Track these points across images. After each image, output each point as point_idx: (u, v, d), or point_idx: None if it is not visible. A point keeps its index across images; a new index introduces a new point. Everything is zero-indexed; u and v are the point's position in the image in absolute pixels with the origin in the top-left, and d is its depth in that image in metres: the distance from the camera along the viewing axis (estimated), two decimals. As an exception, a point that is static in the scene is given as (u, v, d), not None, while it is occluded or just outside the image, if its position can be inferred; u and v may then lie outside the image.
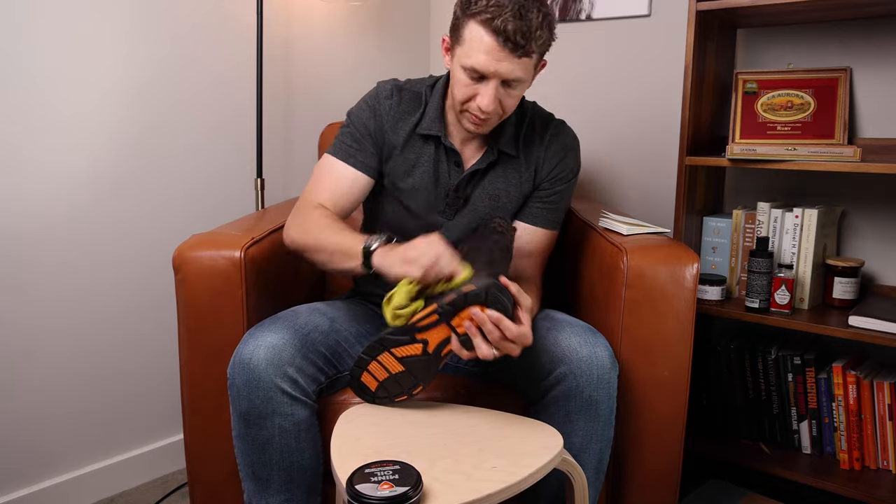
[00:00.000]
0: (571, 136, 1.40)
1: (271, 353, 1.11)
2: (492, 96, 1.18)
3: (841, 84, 1.61)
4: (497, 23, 1.13)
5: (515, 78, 1.18)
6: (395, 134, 1.33)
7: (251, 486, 1.16)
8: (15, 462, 1.60)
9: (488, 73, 1.17)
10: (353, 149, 1.33)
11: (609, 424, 1.17)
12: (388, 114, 1.33)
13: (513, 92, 1.21)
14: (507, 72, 1.17)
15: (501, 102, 1.21)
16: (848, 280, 1.59)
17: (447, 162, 1.34)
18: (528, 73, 1.20)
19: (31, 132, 1.56)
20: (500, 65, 1.16)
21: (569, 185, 1.39)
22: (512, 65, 1.16)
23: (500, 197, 1.35)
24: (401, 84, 1.36)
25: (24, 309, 1.58)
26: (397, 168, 1.34)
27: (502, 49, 1.15)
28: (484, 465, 0.96)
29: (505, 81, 1.19)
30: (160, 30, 1.75)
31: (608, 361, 1.15)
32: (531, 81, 1.25)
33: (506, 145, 1.33)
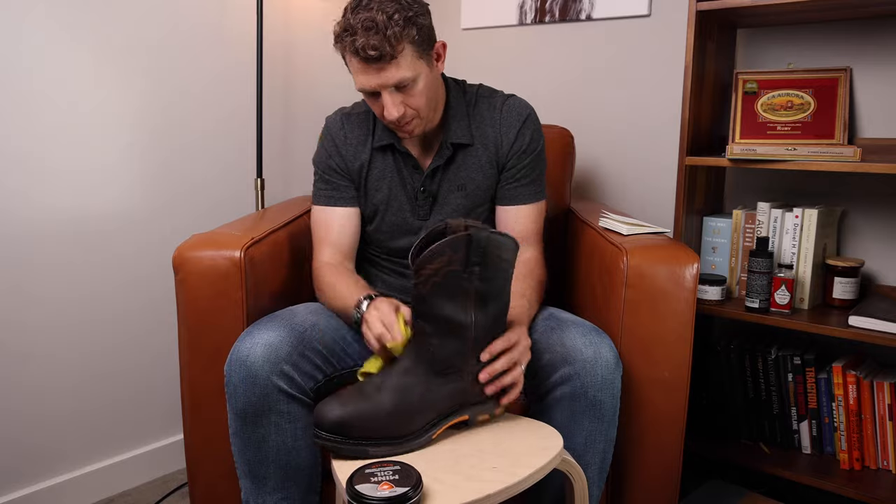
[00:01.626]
0: (522, 105, 1.39)
1: (268, 351, 1.11)
2: (391, 105, 1.21)
3: (841, 84, 1.61)
4: (353, 46, 1.16)
5: (400, 81, 1.19)
6: (357, 160, 1.38)
7: (248, 485, 1.17)
8: (15, 462, 1.60)
9: (372, 89, 1.21)
10: (328, 190, 1.39)
11: (613, 424, 1.17)
12: (344, 145, 1.38)
13: (413, 90, 1.22)
14: (385, 81, 1.19)
15: (408, 104, 1.23)
16: (848, 280, 1.59)
17: (406, 167, 1.37)
18: (412, 68, 1.19)
19: (32, 133, 1.56)
20: (377, 78, 1.19)
21: (535, 155, 1.38)
22: (386, 73, 1.18)
23: (468, 186, 1.37)
24: (347, 110, 1.42)
25: (24, 309, 1.58)
26: (370, 187, 1.38)
27: (368, 67, 1.18)
28: (484, 465, 0.96)
29: (395, 86, 1.20)
30: (160, 30, 1.75)
31: (613, 362, 1.15)
32: (434, 67, 1.26)
33: (457, 136, 1.34)
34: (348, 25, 1.17)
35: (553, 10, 2.07)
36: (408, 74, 1.19)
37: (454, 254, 0.99)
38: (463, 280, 1.01)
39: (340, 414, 0.98)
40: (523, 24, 2.14)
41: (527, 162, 1.37)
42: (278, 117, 2.06)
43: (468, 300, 1.02)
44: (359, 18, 1.16)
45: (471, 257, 1.00)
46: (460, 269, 1.00)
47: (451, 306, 1.01)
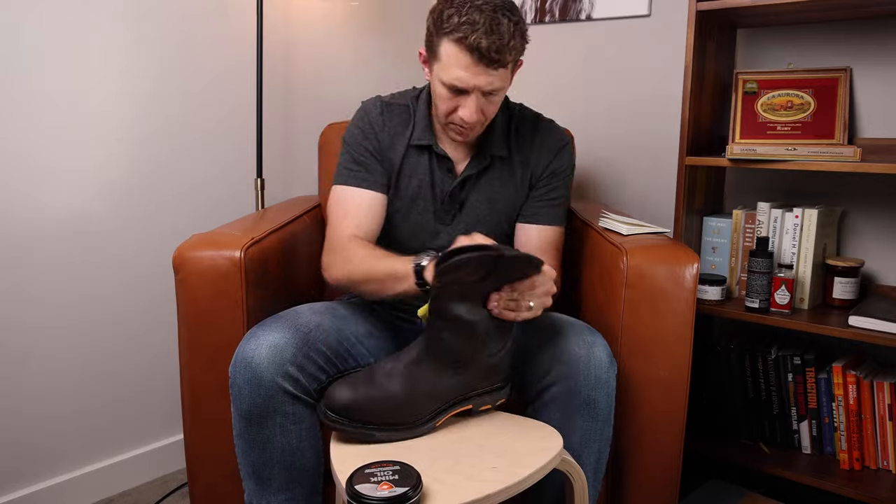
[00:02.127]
0: (562, 133, 1.42)
1: (273, 352, 1.11)
2: (474, 108, 1.21)
3: (841, 84, 1.61)
4: (471, 40, 1.14)
5: (494, 89, 1.21)
6: (393, 151, 1.36)
7: (252, 486, 1.16)
8: (15, 462, 1.60)
9: (468, 87, 1.20)
10: (360, 172, 1.35)
11: (608, 424, 1.17)
12: (382, 131, 1.36)
13: (493, 99, 1.24)
14: (485, 84, 1.20)
15: (483, 111, 1.24)
16: (848, 280, 1.59)
17: (440, 169, 1.36)
18: (505, 80, 1.23)
19: (32, 134, 1.56)
20: (478, 79, 1.19)
21: (565, 181, 1.40)
22: (489, 77, 1.19)
23: (497, 200, 1.37)
24: (386, 100, 1.39)
25: (24, 309, 1.59)
26: (399, 185, 1.37)
27: (478, 65, 1.17)
28: (483, 465, 0.96)
29: (485, 92, 1.21)
30: (160, 30, 1.75)
31: (606, 361, 1.15)
32: (510, 85, 1.28)
33: (497, 148, 1.35)
34: (470, 19, 1.14)
35: (553, 10, 2.07)
36: (504, 85, 1.22)
37: (478, 269, 1.01)
38: (480, 287, 1.04)
39: (350, 397, 1.01)
40: (523, 24, 2.14)
41: (556, 184, 1.38)
42: (278, 117, 2.06)
43: (479, 301, 1.05)
44: (484, 15, 1.14)
45: (493, 274, 1.02)
46: (479, 280, 1.02)
47: (463, 307, 1.03)
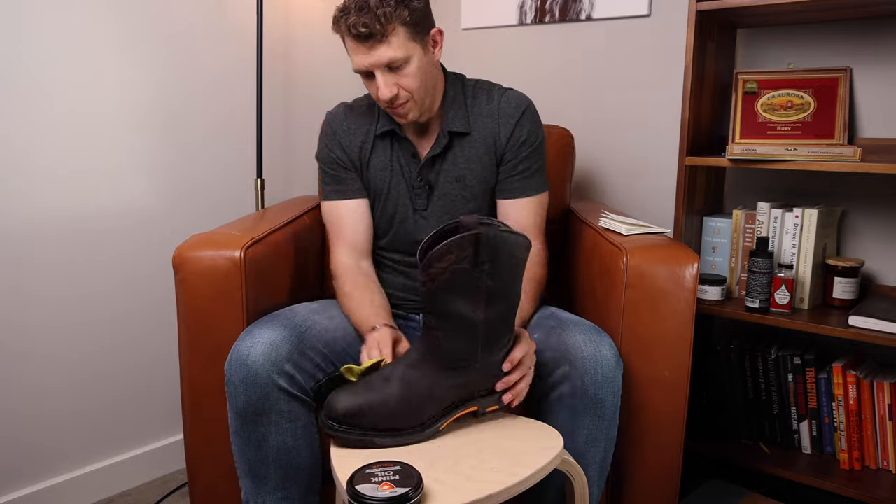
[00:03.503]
0: (521, 98, 1.39)
1: (269, 350, 1.11)
2: (383, 84, 1.24)
3: (841, 84, 1.61)
4: (345, 26, 1.21)
5: (391, 60, 1.22)
6: (361, 148, 1.39)
7: (248, 484, 1.16)
8: (15, 462, 1.60)
9: (366, 68, 1.24)
10: (335, 184, 1.40)
11: (614, 423, 1.17)
12: (346, 136, 1.40)
13: (404, 72, 1.24)
14: (377, 60, 1.22)
15: (401, 85, 1.25)
16: (848, 280, 1.59)
17: (404, 155, 1.38)
18: (403, 49, 1.22)
19: (32, 133, 1.56)
20: (368, 57, 1.22)
21: (535, 147, 1.38)
22: (378, 52, 1.21)
23: (466, 177, 1.37)
24: (350, 104, 1.44)
25: (24, 309, 1.58)
26: (371, 178, 1.39)
27: (361, 43, 1.21)
28: (484, 465, 0.96)
29: (388, 66, 1.23)
30: (160, 30, 1.75)
31: (613, 360, 1.15)
32: (430, 53, 1.29)
33: (454, 125, 1.35)
34: (344, 6, 1.22)
35: (553, 10, 2.07)
36: (399, 54, 1.22)
37: (462, 252, 0.99)
38: (473, 278, 1.01)
39: (349, 404, 1.00)
40: (523, 24, 2.14)
41: (525, 154, 1.37)
42: (278, 117, 2.06)
43: (479, 297, 1.02)
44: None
45: (480, 255, 1.00)
46: (470, 267, 1.00)
47: (461, 303, 1.01)
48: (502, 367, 1.08)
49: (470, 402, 1.07)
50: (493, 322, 1.04)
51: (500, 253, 1.01)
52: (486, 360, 1.06)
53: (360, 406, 1.00)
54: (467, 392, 1.06)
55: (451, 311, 1.02)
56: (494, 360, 1.07)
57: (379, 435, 1.01)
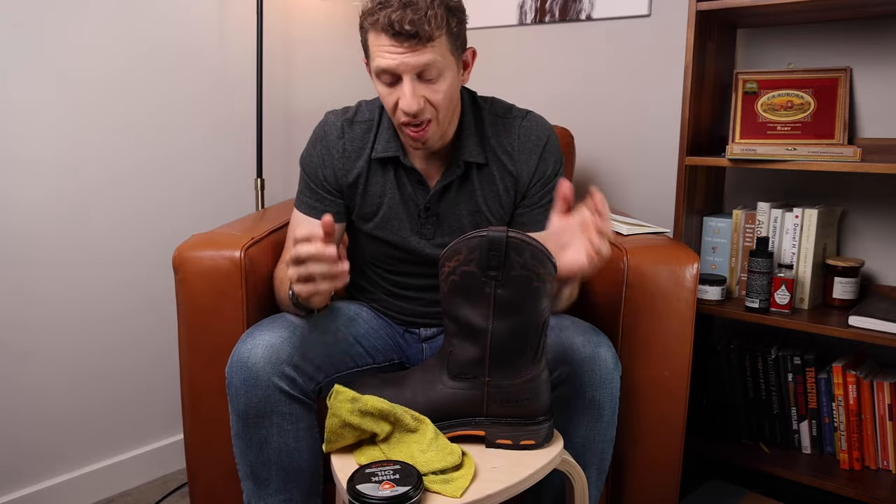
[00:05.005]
0: (541, 127, 1.29)
1: (269, 352, 1.11)
2: (411, 93, 1.12)
3: (841, 84, 1.61)
4: (385, 20, 1.09)
5: (427, 66, 1.11)
6: (353, 173, 1.28)
7: (250, 486, 1.16)
8: (15, 462, 1.60)
9: (397, 70, 1.12)
10: (312, 200, 1.30)
11: (612, 424, 1.17)
12: (341, 157, 1.28)
13: (435, 86, 1.14)
14: (414, 64, 1.11)
15: (428, 100, 1.14)
16: (848, 280, 1.59)
17: (410, 183, 1.27)
18: (441, 59, 1.12)
19: (32, 132, 1.56)
20: (403, 58, 1.10)
21: (557, 179, 1.28)
22: (416, 55, 1.10)
23: (481, 212, 1.28)
24: (351, 116, 1.30)
25: (24, 309, 1.58)
26: (365, 205, 1.30)
27: (399, 43, 1.10)
28: (484, 465, 0.96)
29: (420, 75, 1.13)
30: (160, 29, 1.75)
31: (611, 361, 1.14)
32: (461, 73, 1.20)
33: (470, 154, 1.25)
34: (384, 1, 1.10)
35: (553, 10, 2.07)
36: (435, 64, 1.11)
37: (470, 253, 0.96)
38: (481, 283, 0.97)
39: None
40: (523, 25, 2.14)
41: (549, 188, 1.27)
42: (278, 117, 2.06)
43: (487, 305, 0.98)
44: None
45: (488, 260, 0.96)
46: (477, 270, 0.97)
47: (469, 309, 0.98)
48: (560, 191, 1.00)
49: (477, 423, 1.02)
50: (504, 337, 0.99)
51: (511, 260, 0.96)
52: (497, 381, 1.00)
53: None
54: (474, 409, 1.02)
55: (460, 316, 0.99)
56: (509, 386, 1.01)
57: None
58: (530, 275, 0.97)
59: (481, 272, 0.97)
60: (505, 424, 1.02)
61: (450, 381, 1.01)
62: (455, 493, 0.89)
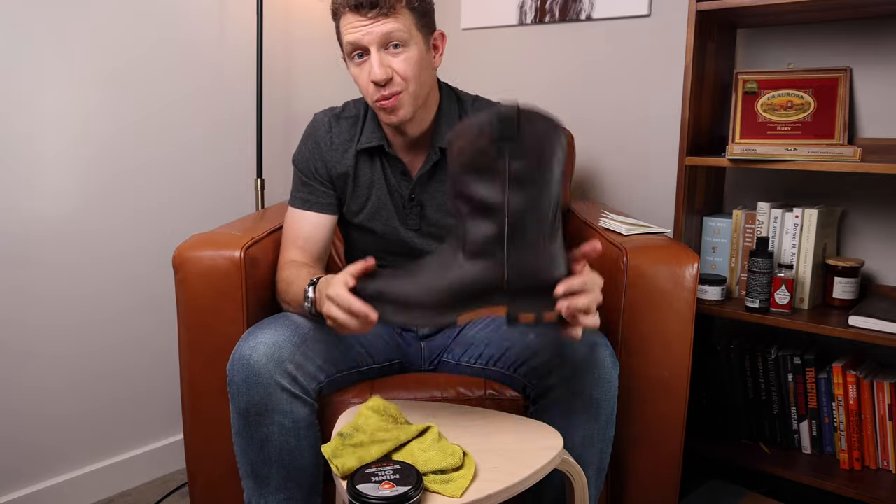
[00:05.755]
0: None
1: (271, 350, 1.11)
2: (378, 63, 1.17)
3: (841, 84, 1.61)
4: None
5: (389, 35, 1.17)
6: (342, 164, 1.33)
7: (250, 485, 1.16)
8: (15, 462, 1.60)
9: (362, 41, 1.17)
10: (304, 193, 1.35)
11: (610, 424, 1.17)
12: (329, 149, 1.34)
13: (400, 55, 1.19)
14: (377, 32, 1.16)
15: (396, 70, 1.19)
16: (848, 280, 1.59)
17: (394, 174, 1.32)
18: (404, 29, 1.17)
19: (32, 131, 1.56)
20: (368, 30, 1.16)
21: None
22: (378, 24, 1.16)
23: None
24: (338, 112, 1.37)
25: (24, 309, 1.58)
26: (355, 196, 1.34)
27: (362, 15, 1.16)
28: (484, 465, 0.96)
29: (385, 47, 1.18)
30: (161, 29, 1.75)
31: (609, 361, 1.14)
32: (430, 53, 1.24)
33: (445, 140, 1.28)
34: None
35: (553, 10, 2.07)
36: (402, 31, 1.17)
37: (481, 129, 0.93)
38: (492, 157, 0.94)
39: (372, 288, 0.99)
40: (523, 24, 2.14)
41: None
42: (278, 117, 2.06)
43: (500, 179, 0.94)
44: None
45: (500, 132, 0.93)
46: (489, 145, 0.93)
47: (482, 186, 0.94)
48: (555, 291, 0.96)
49: (500, 303, 0.97)
50: (521, 210, 0.95)
51: (524, 131, 0.93)
52: (517, 256, 0.96)
53: (380, 289, 0.99)
54: (494, 287, 0.97)
55: (472, 193, 0.95)
56: (529, 260, 0.96)
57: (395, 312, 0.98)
58: (543, 143, 0.94)
59: (493, 146, 0.94)
60: (525, 300, 0.98)
61: (467, 262, 0.97)
62: (455, 493, 0.89)
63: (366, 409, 1.04)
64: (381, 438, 0.98)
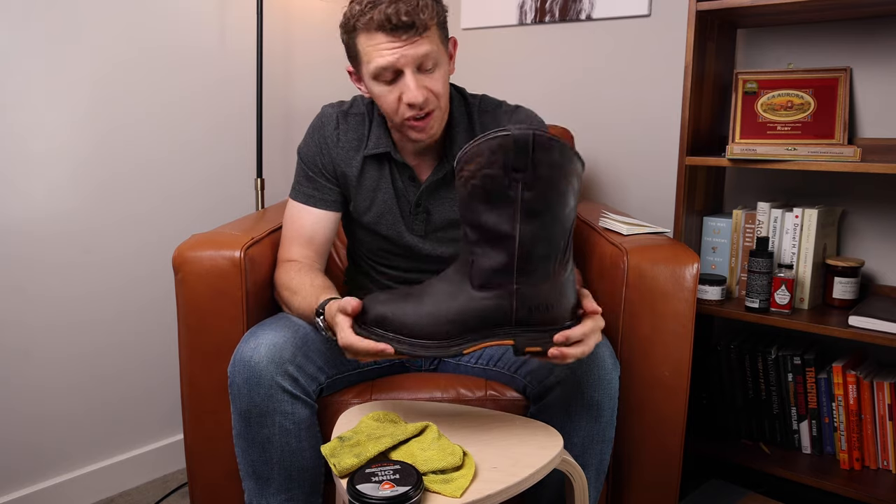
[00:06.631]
0: (531, 117, 1.31)
1: (272, 352, 1.11)
2: (415, 85, 1.14)
3: (841, 84, 1.61)
4: (380, 16, 1.10)
5: (425, 56, 1.14)
6: (348, 165, 1.31)
7: (252, 486, 1.16)
8: (15, 462, 1.60)
9: (397, 64, 1.13)
10: (309, 188, 1.32)
11: (610, 425, 1.17)
12: (336, 146, 1.31)
13: (434, 76, 1.16)
14: (413, 55, 1.13)
15: (430, 90, 1.16)
16: (848, 280, 1.59)
17: (402, 178, 1.30)
18: (436, 49, 1.15)
19: (32, 132, 1.56)
20: (403, 51, 1.12)
21: None
22: (414, 47, 1.12)
23: None
24: (346, 108, 1.33)
25: (24, 309, 1.58)
26: (360, 198, 1.32)
27: (396, 38, 1.12)
28: (484, 465, 0.96)
29: (419, 67, 1.15)
30: (161, 30, 1.75)
31: (609, 362, 1.14)
32: (451, 61, 1.22)
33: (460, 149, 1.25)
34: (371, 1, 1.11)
35: (553, 10, 2.07)
36: (436, 51, 1.14)
37: (492, 155, 0.90)
38: (504, 186, 0.91)
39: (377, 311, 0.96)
40: (523, 24, 2.14)
41: None
42: (278, 117, 2.06)
43: (512, 209, 0.91)
44: None
45: (512, 161, 0.90)
46: (500, 173, 0.90)
47: (492, 215, 0.92)
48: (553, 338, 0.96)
49: (504, 333, 0.96)
50: (532, 241, 0.92)
51: (538, 161, 0.90)
52: (526, 287, 0.94)
53: (385, 314, 0.96)
54: (501, 319, 0.95)
55: (483, 222, 0.93)
56: (537, 289, 0.94)
57: (398, 340, 0.95)
58: (558, 175, 0.91)
59: (505, 174, 0.91)
60: (534, 332, 0.96)
61: (475, 292, 0.95)
62: (455, 493, 0.89)
63: (367, 418, 1.04)
64: (378, 435, 0.98)
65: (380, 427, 1.01)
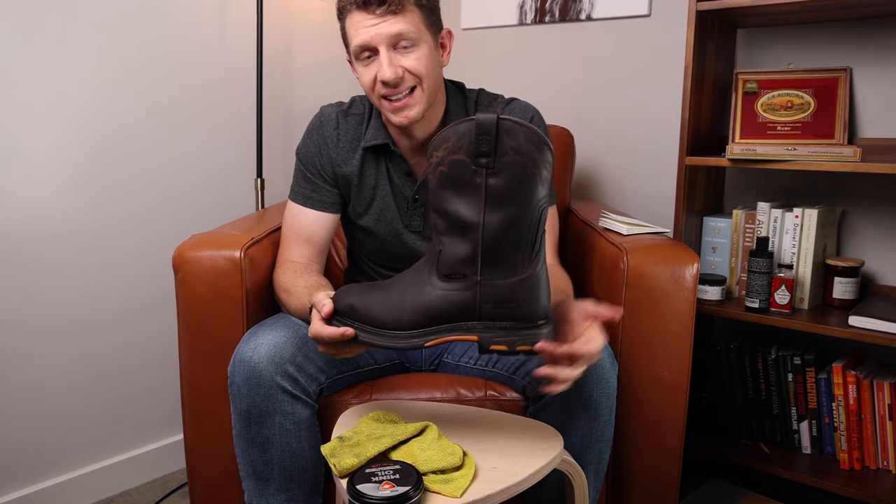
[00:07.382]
0: (526, 108, 1.31)
1: (272, 352, 1.11)
2: (387, 62, 1.15)
3: (841, 84, 1.61)
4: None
5: (399, 34, 1.15)
6: (348, 164, 1.31)
7: (252, 486, 1.16)
8: (15, 462, 1.60)
9: (371, 42, 1.15)
10: (307, 190, 1.32)
11: (609, 424, 1.17)
12: (336, 146, 1.31)
13: (411, 54, 1.17)
14: (387, 33, 1.14)
15: (407, 69, 1.17)
16: (848, 280, 1.59)
17: (398, 175, 1.31)
18: (414, 29, 1.16)
19: (31, 132, 1.56)
20: (377, 29, 1.14)
21: None
22: (388, 24, 1.14)
23: None
24: (345, 108, 1.34)
25: (23, 309, 1.58)
26: (360, 197, 1.32)
27: (370, 14, 1.14)
28: (484, 465, 0.96)
29: (395, 46, 1.16)
30: (161, 29, 1.75)
31: (607, 361, 1.14)
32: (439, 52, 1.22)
33: None
34: None
35: (553, 10, 2.07)
36: (412, 30, 1.15)
37: (459, 140, 0.89)
38: (471, 172, 0.89)
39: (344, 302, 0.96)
40: (523, 24, 2.14)
41: None
42: (278, 117, 2.06)
43: (477, 197, 0.89)
44: None
45: (477, 146, 0.88)
46: (467, 159, 0.89)
47: (460, 203, 0.90)
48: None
49: (469, 328, 0.93)
50: (497, 231, 0.90)
51: (503, 146, 0.88)
52: (491, 280, 0.91)
53: (352, 304, 0.96)
54: (465, 312, 0.92)
55: (449, 210, 0.91)
56: (503, 283, 0.91)
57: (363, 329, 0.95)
58: (525, 160, 0.89)
59: (471, 160, 0.89)
60: (500, 328, 0.92)
61: (439, 283, 0.92)
62: (455, 493, 0.89)
63: (366, 418, 1.04)
64: (378, 435, 0.98)
65: (380, 427, 1.01)
